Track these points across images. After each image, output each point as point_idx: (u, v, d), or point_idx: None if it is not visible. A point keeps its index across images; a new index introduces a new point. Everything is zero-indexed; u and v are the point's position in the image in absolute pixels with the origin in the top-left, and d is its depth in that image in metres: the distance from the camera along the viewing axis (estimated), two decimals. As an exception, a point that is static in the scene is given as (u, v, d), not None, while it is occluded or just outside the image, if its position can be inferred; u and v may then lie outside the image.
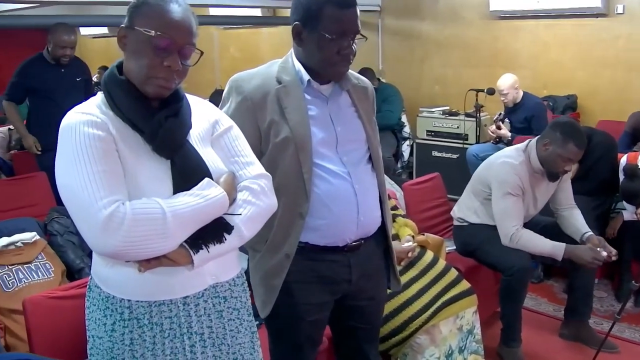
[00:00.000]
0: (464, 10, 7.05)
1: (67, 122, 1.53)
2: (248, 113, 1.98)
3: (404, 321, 2.82)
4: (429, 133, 6.86)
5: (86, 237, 1.47)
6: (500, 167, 3.48)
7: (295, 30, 1.98)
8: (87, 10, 8.00)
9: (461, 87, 6.42)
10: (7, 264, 3.16)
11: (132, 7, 1.59)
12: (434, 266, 3.04)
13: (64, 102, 4.09)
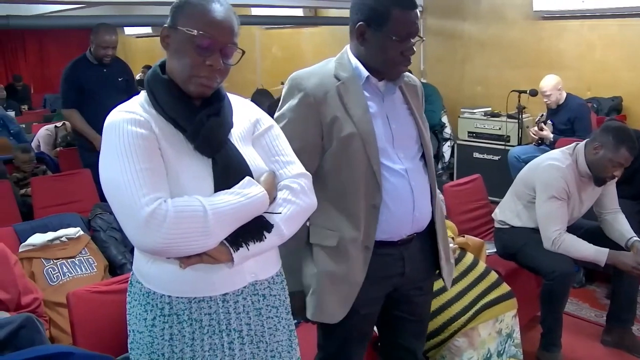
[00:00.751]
0: (507, 10, 6.97)
1: (111, 121, 1.56)
2: (311, 110, 1.99)
3: (443, 323, 2.80)
4: (470, 134, 6.81)
5: (129, 233, 1.49)
6: (546, 170, 3.43)
7: (359, 30, 1.98)
8: (131, 10, 8.13)
9: (503, 88, 6.36)
10: (52, 258, 3.24)
11: (175, 7, 1.61)
12: (474, 268, 3.02)
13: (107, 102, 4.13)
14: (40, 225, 3.50)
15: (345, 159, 2.01)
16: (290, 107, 2.03)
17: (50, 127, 6.24)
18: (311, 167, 1.98)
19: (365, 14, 1.95)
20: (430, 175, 2.16)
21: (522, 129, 6.22)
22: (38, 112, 10.02)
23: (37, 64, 13.20)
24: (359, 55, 2.04)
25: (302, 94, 2.01)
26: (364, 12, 1.95)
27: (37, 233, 3.37)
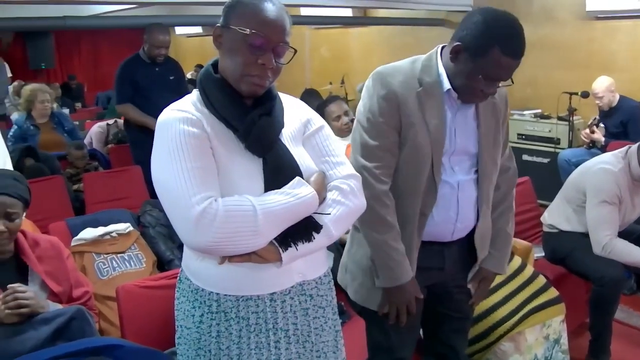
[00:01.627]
0: (559, 11, 6.83)
1: (164, 119, 1.58)
2: (393, 106, 1.99)
3: (489, 327, 2.77)
4: (519, 136, 6.70)
5: (179, 231, 1.51)
6: (598, 173, 3.36)
7: (455, 49, 1.94)
8: (182, 11, 8.25)
9: (554, 89, 6.23)
10: (103, 253, 3.31)
11: (227, 7, 1.62)
12: (522, 272, 2.98)
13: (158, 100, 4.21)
14: (92, 220, 3.58)
15: (412, 164, 2.02)
16: (372, 100, 2.03)
17: (103, 124, 6.37)
18: (393, 165, 2.02)
19: (469, 37, 1.90)
20: (482, 190, 2.13)
21: (573, 131, 6.10)
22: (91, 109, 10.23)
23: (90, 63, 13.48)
24: (447, 67, 2.01)
25: (385, 90, 2.00)
26: (468, 34, 1.91)
27: (88, 228, 3.45)
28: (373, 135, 2.00)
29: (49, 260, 2.35)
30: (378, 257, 2.05)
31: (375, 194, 1.98)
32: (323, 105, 4.38)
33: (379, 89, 2.01)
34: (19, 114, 5.72)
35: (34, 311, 2.11)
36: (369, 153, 2.01)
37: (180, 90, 4.60)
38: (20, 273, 2.29)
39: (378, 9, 8.19)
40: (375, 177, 2.00)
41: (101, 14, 7.70)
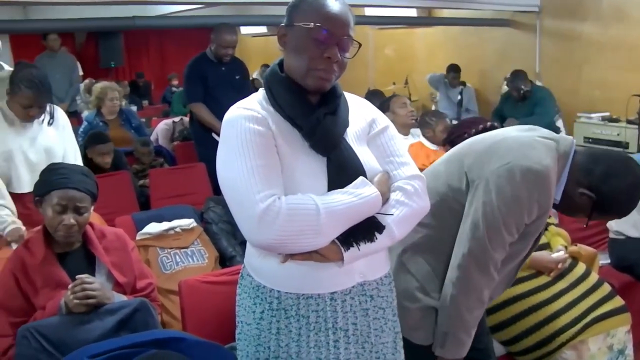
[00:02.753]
0: (632, 9, 6.58)
1: (230, 117, 1.61)
2: (542, 214, 1.98)
3: (551, 334, 2.70)
4: (586, 140, 6.52)
5: (242, 228, 1.53)
6: None
7: (588, 197, 1.99)
8: (248, 11, 8.34)
9: (624, 91, 6.04)
10: (166, 247, 3.38)
11: (291, 7, 1.64)
12: (586, 279, 2.89)
13: (224, 99, 4.29)
14: (157, 215, 3.65)
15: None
16: (529, 205, 1.91)
17: (169, 121, 6.49)
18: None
19: (607, 195, 1.97)
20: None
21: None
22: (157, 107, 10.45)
23: (157, 62, 13.77)
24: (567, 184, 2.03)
25: (545, 199, 1.93)
26: (606, 190, 1.97)
27: (153, 222, 3.52)
28: (512, 231, 1.95)
29: (115, 251, 2.42)
30: (457, 330, 1.99)
31: (489, 281, 1.98)
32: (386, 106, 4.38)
33: (538, 194, 1.92)
34: (89, 111, 5.88)
35: (101, 302, 2.18)
36: (500, 246, 1.96)
37: (246, 90, 4.66)
38: (88, 263, 2.36)
39: (443, 9, 8.11)
40: (496, 267, 1.98)
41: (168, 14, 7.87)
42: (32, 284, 2.25)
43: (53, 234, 2.30)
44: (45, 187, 2.29)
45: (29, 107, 3.09)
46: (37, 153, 3.19)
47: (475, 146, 2.09)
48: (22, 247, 2.37)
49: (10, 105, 3.16)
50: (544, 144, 1.97)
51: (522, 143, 1.98)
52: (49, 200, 2.26)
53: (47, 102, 3.18)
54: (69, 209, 2.26)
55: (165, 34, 13.41)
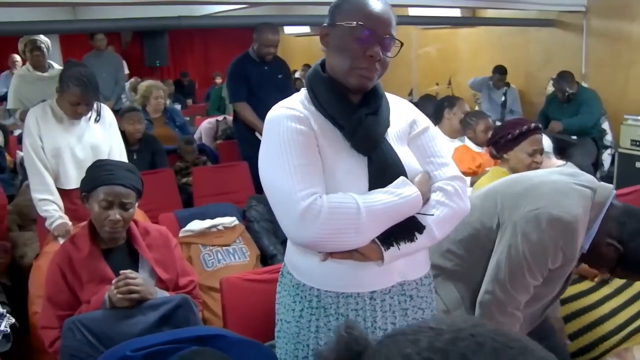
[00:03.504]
0: (683, 10, 6.41)
1: (272, 116, 1.62)
2: (569, 260, 1.99)
3: (594, 340, 2.65)
4: (633, 142, 6.35)
5: (284, 226, 1.54)
6: None
7: (616, 250, 1.98)
8: (291, 10, 8.36)
9: (673, 93, 5.87)
10: (209, 245, 3.41)
11: (333, 7, 1.65)
12: (631, 286, 2.83)
13: (266, 98, 4.30)
14: (199, 213, 3.69)
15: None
16: (555, 251, 1.93)
17: (212, 120, 6.54)
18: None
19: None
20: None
21: (694, 138, 5.73)
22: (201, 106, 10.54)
23: (201, 61, 13.91)
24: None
25: (571, 249, 1.94)
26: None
27: (196, 220, 3.56)
28: (535, 276, 1.96)
29: (158, 248, 2.45)
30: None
31: (511, 320, 1.99)
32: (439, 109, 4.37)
33: (564, 243, 1.93)
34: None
35: (143, 297, 2.21)
36: (522, 288, 1.98)
37: (288, 89, 4.67)
38: (132, 259, 2.40)
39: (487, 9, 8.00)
40: (517, 308, 1.99)
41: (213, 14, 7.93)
42: (78, 278, 2.29)
43: (99, 229, 2.34)
44: (92, 183, 2.33)
45: (77, 104, 3.15)
46: (84, 150, 3.26)
47: (512, 187, 2.11)
48: (68, 242, 2.42)
49: (59, 103, 3.23)
50: (579, 193, 1.96)
51: (557, 190, 1.98)
52: (95, 196, 2.30)
53: (95, 99, 3.24)
54: (115, 205, 2.30)
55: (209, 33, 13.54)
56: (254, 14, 7.30)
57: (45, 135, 3.20)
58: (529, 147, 2.97)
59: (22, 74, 4.89)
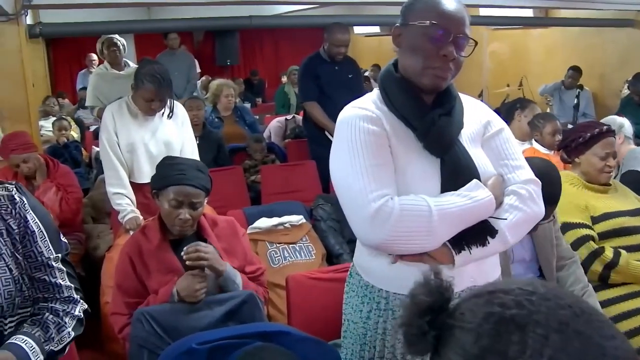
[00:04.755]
0: None
1: (344, 116, 1.62)
2: None
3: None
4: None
5: (354, 227, 1.53)
6: None
7: None
8: (361, 10, 8.35)
9: None
10: (275, 242, 3.44)
11: (406, 7, 1.64)
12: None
13: (336, 98, 4.32)
14: (267, 211, 3.73)
15: None
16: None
17: (281, 119, 6.59)
18: None
19: None
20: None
21: None
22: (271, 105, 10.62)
23: (271, 60, 14.03)
24: None
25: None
26: None
27: (263, 217, 3.59)
28: None
29: (226, 237, 2.48)
30: None
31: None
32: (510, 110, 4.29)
33: None
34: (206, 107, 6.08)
35: (213, 266, 2.26)
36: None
37: (358, 89, 4.66)
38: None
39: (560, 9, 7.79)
40: None
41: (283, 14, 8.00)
42: (146, 267, 2.35)
43: (169, 226, 2.38)
44: (163, 182, 2.37)
45: (151, 100, 3.23)
46: (157, 145, 3.34)
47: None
48: (139, 232, 2.48)
49: (134, 100, 3.33)
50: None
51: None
52: (165, 194, 2.35)
53: (168, 96, 3.32)
54: (185, 205, 2.33)
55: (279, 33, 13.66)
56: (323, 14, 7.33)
57: (121, 131, 3.30)
58: (601, 151, 2.86)
59: (99, 72, 5.04)
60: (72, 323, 1.50)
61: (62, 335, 1.47)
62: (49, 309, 1.48)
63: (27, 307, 1.46)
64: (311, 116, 4.82)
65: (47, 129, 6.51)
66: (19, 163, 3.81)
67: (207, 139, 4.80)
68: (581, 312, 0.69)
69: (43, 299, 1.48)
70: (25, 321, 1.45)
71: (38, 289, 1.47)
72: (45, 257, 1.46)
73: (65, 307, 1.50)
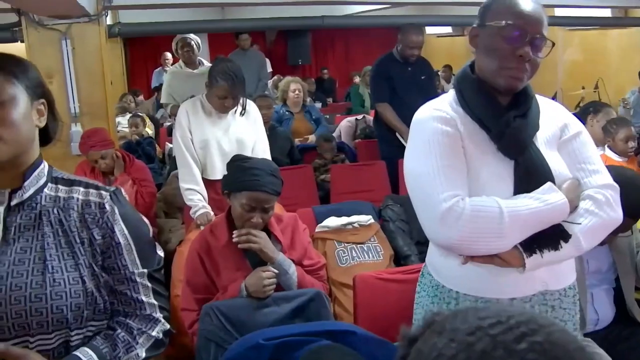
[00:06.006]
0: None
1: (419, 117, 1.62)
2: None
3: None
4: None
5: (425, 226, 1.54)
6: None
7: None
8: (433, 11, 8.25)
9: None
10: (344, 242, 3.44)
11: (483, 7, 1.63)
12: None
13: (409, 99, 4.29)
14: (336, 210, 3.73)
15: None
16: None
17: (352, 119, 6.59)
18: None
19: None
20: None
21: None
22: (341, 104, 10.65)
23: (342, 60, 14.07)
24: None
25: None
26: None
27: (332, 216, 3.59)
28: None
29: (289, 233, 2.51)
30: None
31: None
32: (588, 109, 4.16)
33: None
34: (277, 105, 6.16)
35: (263, 250, 2.31)
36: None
37: (431, 90, 4.62)
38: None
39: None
40: None
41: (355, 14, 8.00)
42: (215, 264, 2.39)
43: (238, 227, 2.40)
44: (236, 185, 2.40)
45: (224, 98, 3.29)
46: (230, 143, 3.39)
47: None
48: (207, 230, 2.52)
49: (208, 97, 3.39)
50: None
51: None
52: (238, 197, 2.37)
53: (241, 94, 3.37)
54: (257, 209, 2.36)
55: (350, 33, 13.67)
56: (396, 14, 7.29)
57: (195, 128, 3.36)
58: None
59: (174, 71, 5.16)
60: (145, 343, 1.44)
61: (129, 355, 1.40)
62: (124, 325, 1.43)
63: (102, 320, 1.41)
64: (382, 117, 4.79)
65: (124, 126, 6.72)
66: (97, 159, 3.93)
67: (274, 137, 4.84)
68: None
69: (123, 313, 1.44)
70: (99, 334, 1.40)
71: (120, 302, 1.43)
72: (130, 272, 1.42)
73: (142, 326, 1.44)
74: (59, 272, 1.32)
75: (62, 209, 1.38)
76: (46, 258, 1.32)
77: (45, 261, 1.32)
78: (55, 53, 4.38)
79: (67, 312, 1.31)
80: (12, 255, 1.31)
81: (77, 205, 1.39)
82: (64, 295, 1.31)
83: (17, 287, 1.28)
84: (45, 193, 1.38)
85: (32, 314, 1.28)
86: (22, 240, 1.33)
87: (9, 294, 1.27)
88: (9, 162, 1.30)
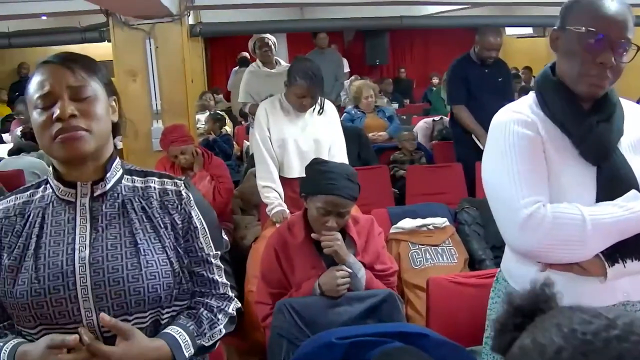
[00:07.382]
0: None
1: (499, 120, 1.60)
2: None
3: None
4: None
5: (503, 232, 1.51)
6: None
7: None
8: (513, 11, 8.09)
9: None
10: (418, 243, 3.42)
11: (564, 9, 1.58)
12: None
13: (486, 101, 4.22)
14: (411, 211, 3.71)
15: None
16: None
17: (429, 120, 6.54)
18: None
19: None
20: None
21: None
22: (418, 105, 10.56)
23: (420, 61, 13.90)
24: None
25: None
26: None
27: (407, 218, 3.58)
28: None
29: (364, 235, 2.51)
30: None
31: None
32: None
33: None
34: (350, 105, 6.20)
35: (337, 252, 2.32)
36: None
37: (508, 93, 4.54)
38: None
39: None
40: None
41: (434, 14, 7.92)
42: (290, 261, 2.42)
43: (314, 229, 2.42)
44: (313, 189, 2.42)
45: (303, 97, 3.32)
46: (307, 142, 3.42)
47: None
48: (284, 227, 2.56)
49: (287, 96, 3.44)
50: None
51: None
52: (315, 200, 2.39)
53: (319, 93, 3.39)
54: (333, 214, 2.37)
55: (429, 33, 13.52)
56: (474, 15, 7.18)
57: (273, 127, 3.41)
58: None
59: (252, 70, 5.24)
60: (224, 320, 1.53)
61: (213, 331, 1.50)
62: (204, 304, 1.51)
63: (184, 300, 1.50)
64: (458, 119, 4.74)
65: (203, 123, 6.88)
66: (177, 154, 4.04)
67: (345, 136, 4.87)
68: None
69: (200, 293, 1.52)
70: (181, 313, 1.49)
71: (196, 283, 1.51)
72: (205, 254, 1.50)
73: (220, 304, 1.53)
74: (150, 255, 1.41)
75: (143, 198, 1.47)
76: (137, 242, 1.41)
77: (137, 245, 1.41)
78: (139, 52, 4.54)
79: (160, 291, 1.41)
80: (104, 241, 1.40)
81: (156, 194, 1.48)
82: (157, 275, 1.40)
83: (114, 270, 1.37)
84: (123, 184, 1.47)
85: (131, 294, 1.37)
86: (110, 227, 1.42)
87: (107, 276, 1.36)
88: (92, 154, 1.38)
